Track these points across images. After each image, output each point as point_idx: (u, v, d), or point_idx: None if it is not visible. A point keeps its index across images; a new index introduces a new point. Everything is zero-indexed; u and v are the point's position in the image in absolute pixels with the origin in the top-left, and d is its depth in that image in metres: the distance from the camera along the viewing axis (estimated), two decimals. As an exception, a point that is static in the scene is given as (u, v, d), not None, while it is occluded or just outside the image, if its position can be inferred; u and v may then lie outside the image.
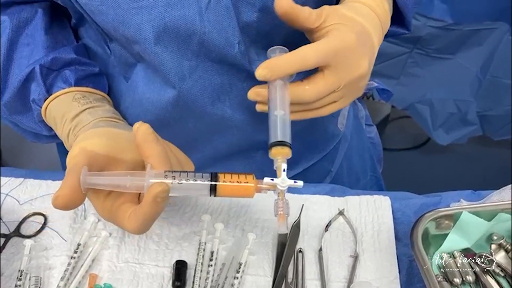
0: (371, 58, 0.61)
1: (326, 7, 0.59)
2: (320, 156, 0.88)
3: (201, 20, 0.62)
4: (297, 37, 0.69)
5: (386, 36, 0.68)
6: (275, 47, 0.61)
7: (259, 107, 0.61)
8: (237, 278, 0.65)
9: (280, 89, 0.57)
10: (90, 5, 0.62)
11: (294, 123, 0.57)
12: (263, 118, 0.58)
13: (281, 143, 0.55)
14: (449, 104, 1.90)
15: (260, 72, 0.55)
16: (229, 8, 0.62)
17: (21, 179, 0.77)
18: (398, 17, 0.71)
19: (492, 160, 2.06)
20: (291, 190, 0.71)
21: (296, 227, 0.70)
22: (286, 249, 0.68)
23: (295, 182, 0.55)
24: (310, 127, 0.82)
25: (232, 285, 0.64)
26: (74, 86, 0.69)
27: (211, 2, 0.62)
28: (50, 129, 0.71)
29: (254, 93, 0.60)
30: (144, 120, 0.75)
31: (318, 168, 0.89)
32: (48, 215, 0.72)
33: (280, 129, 0.56)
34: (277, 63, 0.56)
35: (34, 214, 0.72)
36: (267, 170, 0.58)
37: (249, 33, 0.65)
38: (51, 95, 0.68)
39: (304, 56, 0.55)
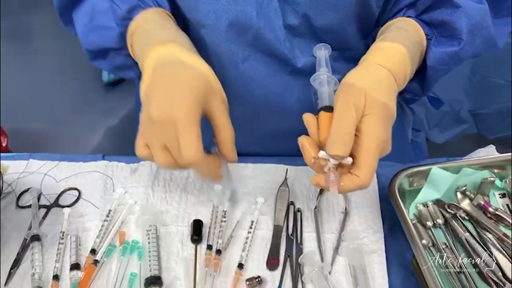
0: (391, 125, 0.63)
1: (350, 93, 0.61)
2: None
3: (258, 16, 0.72)
4: (335, 40, 0.77)
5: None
6: (320, 44, 0.70)
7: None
8: (250, 232, 0.77)
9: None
10: None
11: None
12: (305, 106, 0.67)
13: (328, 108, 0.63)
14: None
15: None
16: (277, 10, 0.73)
17: (56, 162, 0.89)
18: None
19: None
20: (292, 161, 0.82)
21: (282, 190, 0.82)
22: (276, 206, 0.80)
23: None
24: None
25: (247, 238, 0.76)
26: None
27: (264, 2, 0.72)
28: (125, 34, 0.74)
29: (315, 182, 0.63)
30: None
31: None
32: (82, 189, 0.84)
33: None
34: (344, 189, 0.61)
35: (70, 189, 0.84)
36: None
37: (294, 34, 0.76)
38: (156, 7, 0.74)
39: (365, 183, 0.61)
